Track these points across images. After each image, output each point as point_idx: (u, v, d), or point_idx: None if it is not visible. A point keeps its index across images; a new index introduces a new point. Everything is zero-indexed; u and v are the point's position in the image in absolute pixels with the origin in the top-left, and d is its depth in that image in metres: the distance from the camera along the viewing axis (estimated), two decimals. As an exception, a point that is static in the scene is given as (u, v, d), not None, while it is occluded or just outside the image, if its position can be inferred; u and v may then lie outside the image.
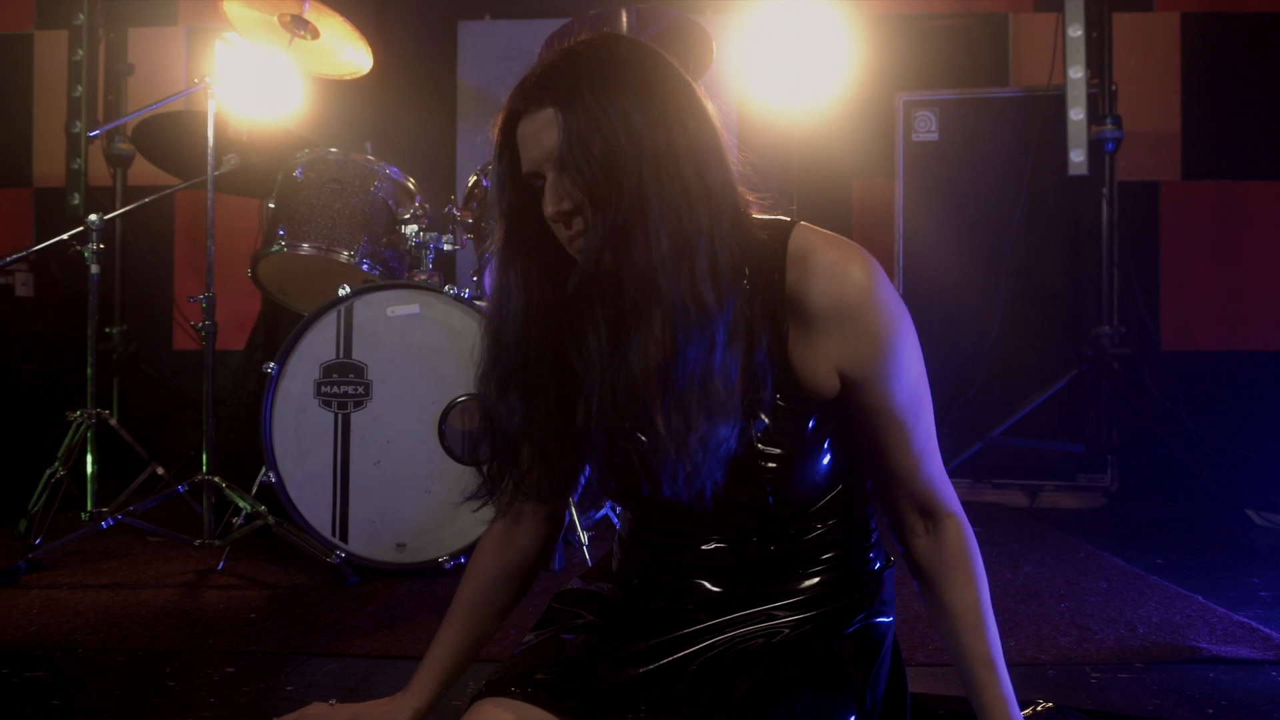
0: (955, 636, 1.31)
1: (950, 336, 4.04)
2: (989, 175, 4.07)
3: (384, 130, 4.22)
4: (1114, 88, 3.92)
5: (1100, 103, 3.88)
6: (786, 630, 1.26)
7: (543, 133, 1.16)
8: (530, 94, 1.18)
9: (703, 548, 1.29)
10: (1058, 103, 3.91)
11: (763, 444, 1.21)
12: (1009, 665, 1.31)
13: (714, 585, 1.30)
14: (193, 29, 4.67)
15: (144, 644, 2.12)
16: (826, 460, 1.26)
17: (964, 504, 1.33)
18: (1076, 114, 3.83)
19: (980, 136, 4.10)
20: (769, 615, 1.28)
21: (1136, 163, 4.33)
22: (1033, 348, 4.04)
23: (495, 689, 1.25)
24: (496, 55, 4.51)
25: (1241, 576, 2.77)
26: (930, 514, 1.30)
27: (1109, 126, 3.85)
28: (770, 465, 1.22)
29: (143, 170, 4.11)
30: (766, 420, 1.20)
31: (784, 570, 1.29)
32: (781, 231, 1.20)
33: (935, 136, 4.12)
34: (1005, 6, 4.51)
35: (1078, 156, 3.81)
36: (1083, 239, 4.02)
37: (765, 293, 1.19)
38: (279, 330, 3.58)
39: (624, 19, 3.10)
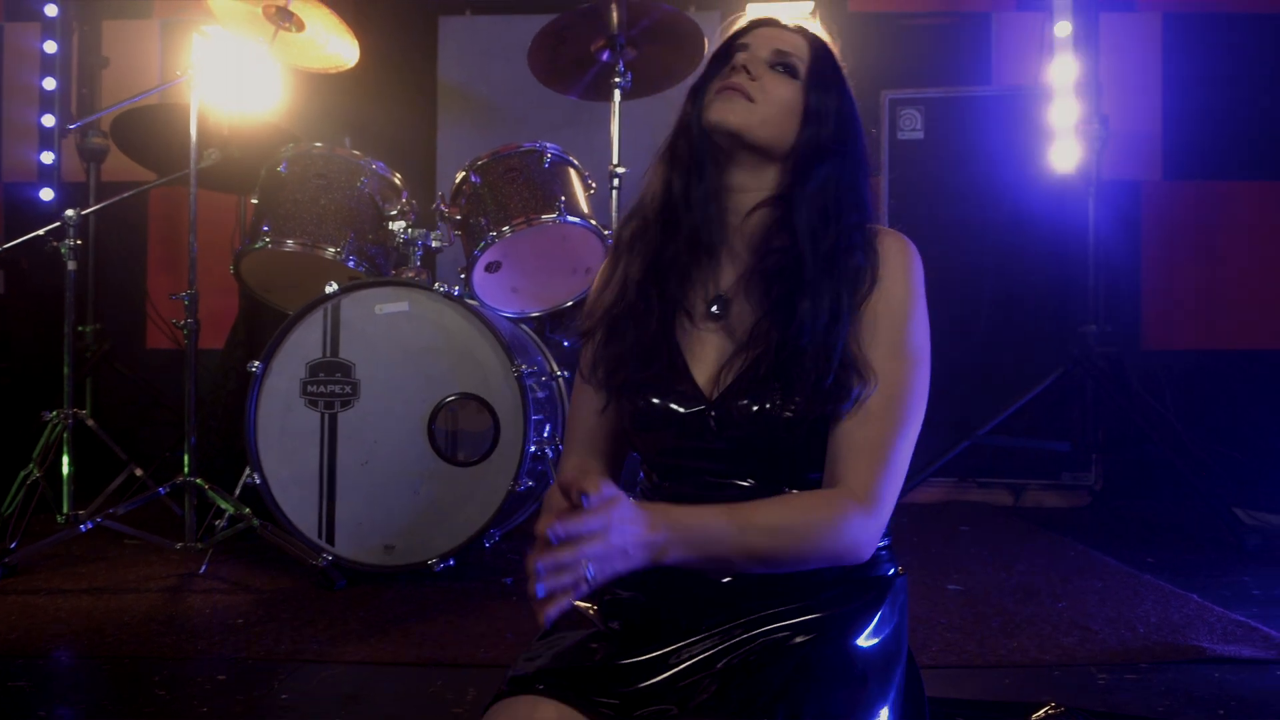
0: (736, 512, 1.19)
1: (934, 335, 4.00)
2: (973, 173, 4.06)
3: (363, 126, 4.15)
4: (1098, 87, 3.92)
5: (1085, 101, 3.88)
6: (805, 634, 1.23)
7: (795, 39, 1.34)
8: (785, 24, 1.37)
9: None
10: (1041, 101, 3.90)
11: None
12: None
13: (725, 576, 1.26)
14: (167, 22, 4.57)
15: (129, 651, 2.06)
16: None
17: (949, 503, 1.34)
18: (1061, 111, 3.82)
19: (965, 134, 4.08)
20: (786, 615, 1.24)
21: (1118, 163, 4.33)
22: (1017, 346, 4.03)
23: (522, 686, 1.21)
24: (477, 51, 4.45)
25: (1233, 574, 2.78)
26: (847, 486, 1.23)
27: (1093, 125, 3.85)
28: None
29: (116, 165, 4.04)
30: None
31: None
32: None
33: (920, 134, 4.11)
34: (988, 5, 4.50)
35: (1062, 154, 3.81)
36: (1067, 238, 4.01)
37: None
38: (260, 329, 3.52)
39: (614, 12, 3.05)
